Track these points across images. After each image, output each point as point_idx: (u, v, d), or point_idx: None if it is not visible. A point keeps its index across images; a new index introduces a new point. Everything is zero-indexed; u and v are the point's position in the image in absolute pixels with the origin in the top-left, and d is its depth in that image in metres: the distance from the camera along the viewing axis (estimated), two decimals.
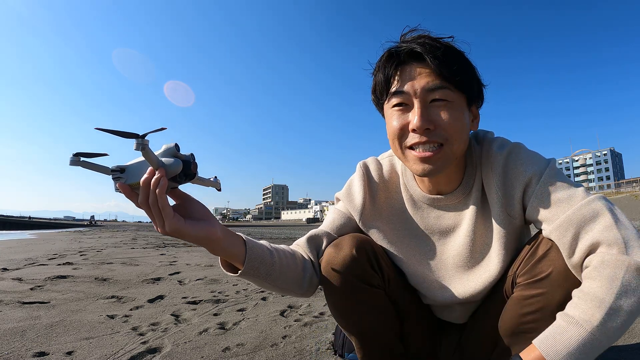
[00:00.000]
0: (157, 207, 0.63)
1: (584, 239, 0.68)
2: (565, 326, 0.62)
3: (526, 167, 0.79)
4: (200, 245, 0.70)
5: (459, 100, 0.77)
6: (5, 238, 10.86)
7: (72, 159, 0.62)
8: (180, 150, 0.65)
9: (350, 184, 0.97)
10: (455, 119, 0.75)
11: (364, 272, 0.82)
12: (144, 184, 0.62)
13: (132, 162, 0.66)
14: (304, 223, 66.66)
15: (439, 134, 0.75)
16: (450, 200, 0.87)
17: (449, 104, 0.75)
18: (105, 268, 3.61)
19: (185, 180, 0.66)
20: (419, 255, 0.91)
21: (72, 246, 6.58)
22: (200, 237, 0.69)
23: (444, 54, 0.74)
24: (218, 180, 0.73)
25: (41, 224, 44.22)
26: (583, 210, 0.70)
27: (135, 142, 0.58)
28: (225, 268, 0.79)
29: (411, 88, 0.76)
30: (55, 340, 1.49)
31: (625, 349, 1.34)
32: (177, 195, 0.70)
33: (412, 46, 0.75)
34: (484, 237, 0.86)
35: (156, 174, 0.61)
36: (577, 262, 0.69)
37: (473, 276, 0.86)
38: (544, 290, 0.73)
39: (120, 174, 0.65)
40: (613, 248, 0.64)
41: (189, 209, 0.70)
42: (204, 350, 1.38)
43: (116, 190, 0.65)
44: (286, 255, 0.82)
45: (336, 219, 0.95)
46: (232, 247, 0.74)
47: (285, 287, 0.82)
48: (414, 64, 0.77)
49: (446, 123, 0.74)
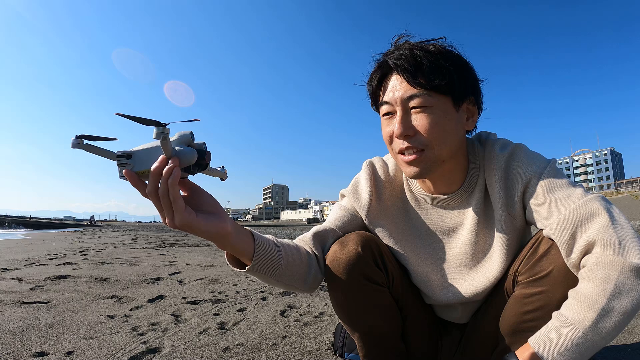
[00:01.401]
0: (168, 198, 0.59)
1: (580, 238, 0.68)
2: (559, 326, 0.63)
3: (526, 168, 0.80)
4: (210, 239, 0.68)
5: (441, 103, 0.78)
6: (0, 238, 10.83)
7: (75, 142, 0.57)
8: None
9: (356, 181, 0.97)
10: (435, 124, 0.77)
11: (369, 270, 0.82)
12: (154, 172, 0.58)
13: (140, 148, 0.61)
14: (304, 223, 66.67)
15: (419, 139, 0.78)
16: (452, 200, 0.88)
17: (428, 110, 0.77)
18: (105, 268, 3.60)
19: (198, 171, 0.63)
20: (422, 254, 0.91)
21: (72, 246, 6.58)
22: (211, 232, 0.66)
23: (416, 63, 0.77)
24: (225, 170, 0.70)
25: (41, 224, 44.24)
26: (580, 209, 0.70)
27: (156, 130, 0.54)
28: (232, 263, 0.78)
29: (392, 98, 0.80)
30: (55, 340, 1.48)
31: (626, 349, 1.34)
32: (186, 186, 0.67)
33: (389, 59, 0.80)
34: (486, 236, 0.86)
35: (169, 163, 0.58)
36: (574, 262, 0.69)
37: (475, 276, 0.87)
38: (544, 289, 0.73)
39: (126, 160, 0.60)
40: (608, 249, 0.64)
41: (199, 202, 0.67)
42: (204, 350, 1.38)
43: (121, 177, 0.60)
44: (292, 251, 0.82)
45: (342, 215, 0.95)
46: (241, 242, 0.72)
47: (290, 283, 0.82)
48: (393, 75, 0.81)
49: (425, 129, 0.77)
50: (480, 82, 0.85)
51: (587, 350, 0.61)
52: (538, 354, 0.63)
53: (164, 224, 0.65)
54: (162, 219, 0.63)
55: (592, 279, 0.63)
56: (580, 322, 0.61)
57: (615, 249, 0.64)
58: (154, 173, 0.59)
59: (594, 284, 0.63)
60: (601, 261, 0.64)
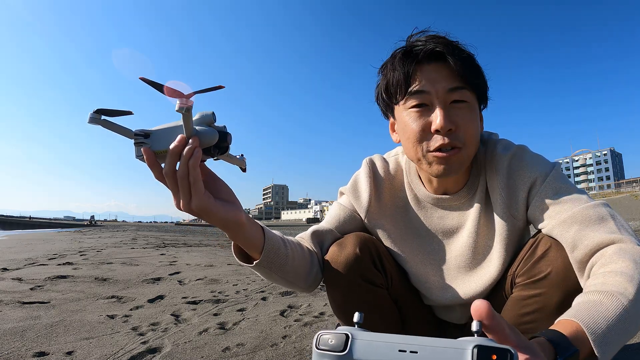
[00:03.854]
0: (187, 180, 0.57)
1: (589, 236, 0.67)
2: (601, 298, 0.55)
3: (531, 169, 0.79)
4: (224, 228, 0.65)
5: (474, 102, 0.77)
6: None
7: (92, 116, 0.55)
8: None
9: (356, 179, 0.95)
10: (473, 120, 0.76)
11: (368, 271, 0.82)
12: (173, 152, 0.56)
13: (159, 128, 0.59)
14: (304, 223, 66.68)
15: (459, 135, 0.75)
16: (454, 201, 0.88)
17: (467, 105, 0.76)
18: (105, 268, 3.60)
19: (218, 154, 0.60)
20: (421, 254, 0.91)
21: (72, 246, 6.57)
22: (228, 219, 0.63)
23: (462, 55, 0.75)
24: (244, 159, 0.66)
25: (41, 224, 44.21)
26: (589, 211, 0.70)
27: (179, 101, 0.51)
28: (239, 257, 0.76)
29: (432, 88, 0.74)
30: (55, 340, 1.49)
31: (626, 349, 1.34)
32: (204, 171, 0.63)
33: (433, 46, 0.74)
34: (486, 238, 0.86)
35: (190, 143, 0.55)
36: (580, 257, 0.67)
37: (474, 277, 0.86)
38: (542, 291, 0.73)
39: (144, 139, 0.57)
40: (626, 242, 0.64)
41: (216, 188, 0.64)
42: (204, 350, 1.38)
43: (137, 156, 0.58)
44: (297, 248, 0.81)
45: (340, 214, 0.94)
46: (253, 234, 0.70)
47: (293, 281, 0.81)
48: (433, 64, 0.75)
49: (467, 125, 0.75)
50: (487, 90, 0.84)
51: (631, 325, 0.54)
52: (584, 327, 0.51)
53: (175, 207, 0.60)
54: (175, 202, 0.60)
55: (621, 260, 0.60)
56: (622, 295, 0.54)
57: (633, 241, 0.64)
58: (173, 152, 0.56)
59: (624, 263, 0.59)
60: (624, 248, 0.62)
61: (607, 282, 0.57)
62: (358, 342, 0.37)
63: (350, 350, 0.36)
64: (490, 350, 0.33)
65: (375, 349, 0.36)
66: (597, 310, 0.53)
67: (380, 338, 0.37)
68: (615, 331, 0.51)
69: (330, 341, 0.37)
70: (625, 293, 0.54)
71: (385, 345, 0.36)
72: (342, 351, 0.36)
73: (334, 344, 0.37)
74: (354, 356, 0.36)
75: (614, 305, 0.53)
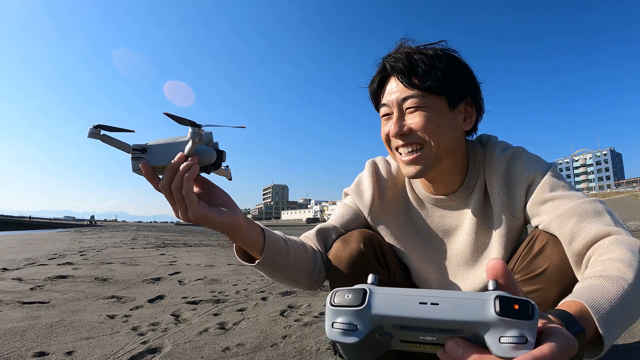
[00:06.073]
0: (180, 193, 0.61)
1: (587, 228, 0.69)
2: (602, 282, 0.55)
3: (529, 168, 0.82)
4: (223, 232, 0.69)
5: (434, 103, 0.80)
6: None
7: (92, 131, 0.57)
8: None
9: (359, 180, 0.99)
10: (429, 121, 0.79)
11: (371, 267, 0.84)
12: (171, 168, 0.60)
13: (155, 143, 0.61)
14: (304, 223, 66.70)
15: (415, 136, 0.80)
16: (452, 201, 0.90)
17: (422, 109, 0.80)
18: (105, 268, 3.60)
19: (212, 170, 0.64)
20: (423, 252, 0.93)
21: (72, 246, 6.57)
22: (225, 224, 0.67)
23: (412, 66, 0.79)
24: (229, 170, 0.71)
25: (41, 224, 44.22)
26: (586, 205, 0.72)
27: (191, 130, 0.55)
28: (241, 257, 0.79)
29: (389, 100, 0.83)
30: (55, 340, 1.49)
31: (626, 349, 1.34)
32: (198, 181, 0.68)
33: (393, 63, 0.82)
34: (485, 236, 0.88)
35: (188, 161, 0.59)
36: (578, 250, 0.69)
37: (474, 275, 0.88)
38: (540, 286, 0.75)
39: (142, 154, 0.60)
40: (622, 234, 0.66)
41: (212, 196, 0.69)
42: (204, 350, 1.38)
43: (134, 170, 0.61)
44: (299, 247, 0.83)
45: (345, 213, 0.97)
46: (252, 235, 0.74)
47: (296, 279, 0.83)
48: (391, 78, 0.84)
49: (418, 126, 0.79)
50: (480, 84, 0.86)
51: (632, 309, 0.55)
52: (588, 307, 0.51)
53: (176, 217, 0.66)
54: (174, 213, 0.64)
55: (618, 249, 0.62)
56: (622, 279, 0.55)
57: (628, 234, 0.66)
58: (171, 168, 0.60)
59: (622, 251, 0.61)
60: (620, 239, 0.64)
61: (607, 268, 0.58)
62: (377, 296, 0.35)
63: (368, 304, 0.35)
64: (511, 300, 0.33)
65: (395, 302, 0.35)
66: (599, 293, 0.53)
67: (399, 292, 0.36)
68: (618, 313, 0.52)
69: (347, 296, 0.36)
70: (625, 277, 0.56)
71: (406, 298, 0.35)
72: (360, 305, 0.35)
73: (351, 298, 0.36)
74: (372, 310, 0.35)
75: (615, 288, 0.54)
